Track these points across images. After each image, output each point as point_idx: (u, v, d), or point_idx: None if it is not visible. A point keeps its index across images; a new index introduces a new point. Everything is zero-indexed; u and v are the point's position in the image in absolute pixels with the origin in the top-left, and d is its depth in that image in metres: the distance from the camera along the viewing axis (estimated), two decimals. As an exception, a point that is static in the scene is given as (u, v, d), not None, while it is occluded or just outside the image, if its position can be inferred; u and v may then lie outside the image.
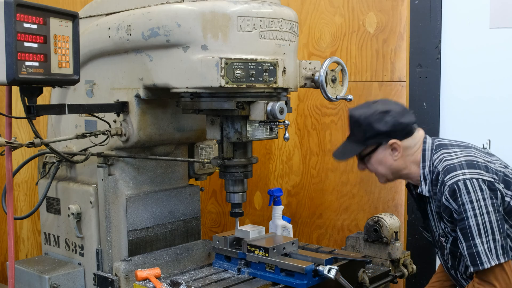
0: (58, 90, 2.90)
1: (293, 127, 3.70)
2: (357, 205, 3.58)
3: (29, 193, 4.21)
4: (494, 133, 3.14)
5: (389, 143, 2.38)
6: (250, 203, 3.87)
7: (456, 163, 2.27)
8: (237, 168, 2.47)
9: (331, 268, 2.33)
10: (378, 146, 2.41)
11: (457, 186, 2.20)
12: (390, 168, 2.44)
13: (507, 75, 3.16)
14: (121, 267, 2.57)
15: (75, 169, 2.88)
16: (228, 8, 2.25)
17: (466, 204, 2.17)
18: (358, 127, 2.41)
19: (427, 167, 2.38)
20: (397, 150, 2.39)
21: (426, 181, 2.38)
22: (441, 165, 2.31)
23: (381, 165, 2.44)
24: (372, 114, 2.38)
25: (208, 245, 2.91)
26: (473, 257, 2.18)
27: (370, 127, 2.37)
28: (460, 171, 2.23)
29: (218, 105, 2.33)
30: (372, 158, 2.44)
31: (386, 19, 3.42)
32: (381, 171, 2.46)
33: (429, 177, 2.37)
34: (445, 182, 2.24)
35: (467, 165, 2.24)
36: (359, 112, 2.42)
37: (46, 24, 2.13)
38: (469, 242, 2.18)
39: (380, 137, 2.38)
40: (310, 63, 2.55)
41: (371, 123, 2.37)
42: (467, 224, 2.18)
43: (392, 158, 2.41)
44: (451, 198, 2.21)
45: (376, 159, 2.43)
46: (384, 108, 2.40)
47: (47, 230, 2.97)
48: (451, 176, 2.24)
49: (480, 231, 2.17)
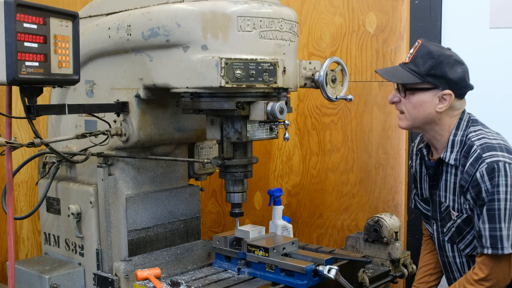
0: (58, 90, 2.90)
1: (293, 127, 3.70)
2: (357, 205, 3.59)
3: (29, 193, 4.21)
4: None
5: (445, 91, 2.29)
6: (250, 203, 3.87)
7: (496, 144, 2.23)
8: (237, 168, 2.47)
9: (331, 268, 2.33)
10: (431, 89, 2.30)
11: (498, 166, 2.15)
12: (425, 115, 2.33)
13: (507, 75, 3.16)
14: (121, 267, 2.57)
15: (75, 169, 2.88)
16: (228, 8, 2.25)
17: (502, 186, 2.14)
18: (428, 59, 2.28)
19: (459, 136, 2.32)
20: (445, 102, 2.30)
21: (453, 149, 2.31)
22: (480, 141, 2.25)
23: (419, 108, 2.33)
24: (448, 56, 2.30)
25: (208, 245, 2.91)
26: (495, 239, 2.15)
27: (441, 66, 2.27)
28: (501, 152, 2.19)
29: (218, 105, 2.33)
30: (416, 95, 2.32)
31: (386, 19, 3.42)
32: (413, 113, 2.35)
33: (458, 147, 2.30)
34: (484, 158, 2.19)
35: (506, 150, 2.21)
36: (435, 47, 2.32)
37: (46, 24, 2.13)
38: (495, 224, 2.15)
39: (442, 80, 2.28)
40: (310, 63, 2.55)
41: (443, 63, 2.28)
42: (497, 206, 2.14)
43: (436, 107, 2.31)
44: (488, 175, 2.16)
45: (420, 99, 2.32)
46: (459, 59, 2.33)
47: (47, 230, 2.97)
48: (491, 154, 2.18)
49: (507, 216, 2.14)
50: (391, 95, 2.44)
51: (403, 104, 2.38)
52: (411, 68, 2.32)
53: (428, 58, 2.29)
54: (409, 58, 2.35)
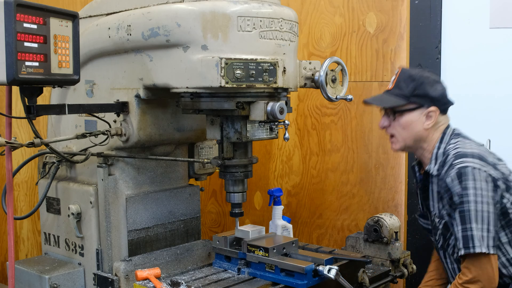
0: (58, 90, 2.90)
1: (293, 127, 3.70)
2: (357, 205, 3.59)
3: (29, 193, 4.21)
4: (494, 132, 3.14)
5: (430, 108, 2.44)
6: (250, 203, 3.87)
7: (469, 152, 2.34)
8: (237, 168, 2.47)
9: (331, 268, 2.33)
10: (417, 108, 2.45)
11: (465, 170, 2.27)
12: (415, 134, 2.48)
13: (507, 75, 3.16)
14: (121, 267, 2.57)
15: (75, 169, 2.88)
16: (228, 8, 2.25)
17: (470, 189, 2.25)
18: (410, 82, 2.45)
19: (442, 149, 2.45)
20: (432, 118, 2.45)
21: (436, 161, 2.45)
22: (454, 151, 2.39)
23: (407, 128, 2.48)
24: (427, 77, 2.47)
25: (208, 245, 2.91)
26: (466, 239, 2.25)
27: (422, 86, 2.44)
28: (471, 159, 2.30)
29: (218, 105, 2.33)
30: (404, 116, 2.48)
31: (386, 19, 3.42)
32: (404, 134, 2.50)
33: (440, 159, 2.43)
34: (454, 164, 2.31)
35: (478, 157, 2.32)
36: (414, 71, 2.51)
37: (46, 24, 2.13)
38: (465, 225, 2.25)
39: (425, 99, 2.44)
40: (310, 63, 2.55)
41: (424, 83, 2.44)
42: (466, 208, 2.25)
43: (423, 124, 2.46)
44: (457, 179, 2.27)
45: (408, 119, 2.47)
46: (437, 79, 2.51)
47: (47, 230, 2.97)
48: (461, 160, 2.31)
49: (477, 217, 2.24)
50: (381, 121, 2.59)
51: (393, 127, 2.53)
52: (396, 93, 2.49)
53: (410, 81, 2.46)
54: (392, 84, 2.52)
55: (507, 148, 3.08)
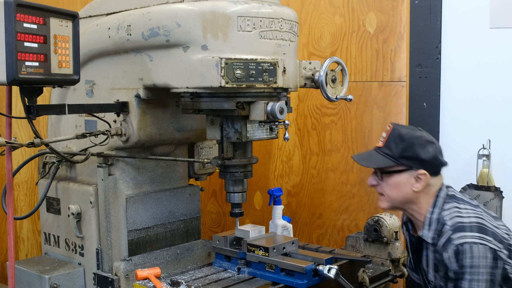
0: (58, 90, 2.90)
1: (293, 127, 3.70)
2: (357, 205, 3.58)
3: (29, 193, 4.21)
4: (494, 133, 3.13)
5: (419, 171, 2.34)
6: (250, 203, 3.87)
7: (467, 223, 2.26)
8: (237, 168, 2.47)
9: (331, 268, 2.33)
10: (406, 170, 2.36)
11: (463, 248, 2.19)
12: (403, 196, 2.39)
13: (507, 75, 3.16)
14: (121, 267, 2.57)
15: (75, 169, 2.88)
16: (228, 8, 2.25)
17: (467, 267, 2.18)
18: (399, 143, 2.35)
19: (436, 214, 2.36)
20: (421, 181, 2.35)
21: (430, 227, 2.36)
22: (452, 221, 2.29)
23: (396, 189, 2.39)
24: (418, 137, 2.36)
25: (208, 245, 2.91)
26: None
27: (412, 148, 2.34)
28: (470, 233, 2.22)
29: (218, 105, 2.33)
30: (392, 177, 2.38)
31: (386, 19, 3.42)
32: (392, 195, 2.40)
33: (434, 225, 2.34)
34: (452, 240, 2.23)
35: (478, 228, 2.23)
36: (405, 130, 2.39)
37: (46, 24, 2.13)
38: None
39: (415, 162, 2.34)
40: (310, 63, 2.55)
41: (414, 145, 2.34)
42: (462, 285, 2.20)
43: (412, 187, 2.36)
44: (454, 258, 2.20)
45: (396, 181, 2.38)
46: (430, 139, 2.38)
47: (47, 230, 2.97)
48: (460, 236, 2.22)
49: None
50: (369, 178, 2.49)
51: (381, 187, 2.44)
52: (385, 152, 2.39)
53: (399, 141, 2.36)
54: (383, 142, 2.42)
55: (507, 148, 3.08)
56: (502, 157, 3.11)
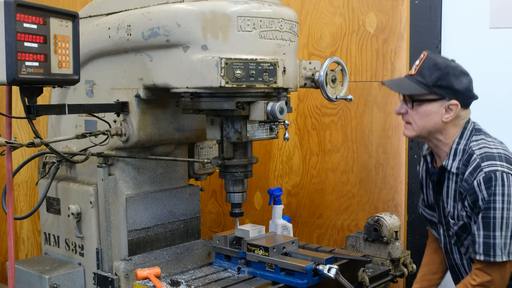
0: (58, 90, 2.90)
1: (293, 127, 3.70)
2: (357, 205, 3.59)
3: (29, 193, 4.21)
4: (494, 132, 3.13)
5: (451, 102, 2.32)
6: (250, 203, 3.88)
7: (496, 153, 2.26)
8: (237, 168, 2.48)
9: (331, 268, 2.33)
10: (438, 100, 2.34)
11: (495, 175, 2.18)
12: (432, 125, 2.36)
13: (507, 75, 3.16)
14: (121, 267, 2.57)
15: (75, 169, 2.88)
16: (228, 8, 2.25)
17: (498, 195, 2.17)
18: (434, 71, 2.32)
19: (462, 145, 2.36)
20: (452, 112, 2.33)
21: (455, 158, 2.35)
22: (480, 151, 2.29)
23: (425, 118, 2.36)
24: (453, 67, 2.34)
25: (208, 245, 2.91)
26: (488, 247, 2.19)
27: (447, 77, 2.31)
28: (499, 162, 2.22)
29: (218, 105, 2.33)
30: (423, 106, 2.35)
31: (386, 19, 3.42)
32: (421, 123, 2.37)
33: (460, 155, 2.34)
34: (482, 167, 2.22)
35: (506, 159, 2.24)
36: (441, 59, 2.36)
37: (46, 24, 2.13)
38: (489, 232, 2.19)
39: (448, 91, 2.32)
40: (310, 63, 2.55)
41: (449, 74, 2.31)
42: (493, 215, 2.18)
43: (442, 117, 2.34)
44: (484, 184, 2.19)
45: (427, 110, 2.35)
46: (464, 70, 2.37)
47: (47, 230, 2.97)
48: (489, 163, 2.22)
49: (503, 224, 2.18)
50: (398, 106, 2.46)
51: (410, 115, 2.41)
52: (418, 80, 2.35)
53: (434, 70, 2.32)
54: (415, 70, 2.38)
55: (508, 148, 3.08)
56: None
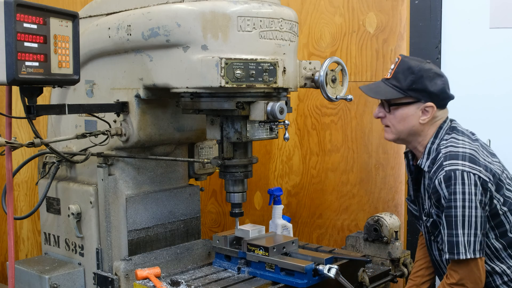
0: (58, 90, 2.90)
1: (293, 127, 3.70)
2: (357, 205, 3.59)
3: (29, 193, 4.21)
4: (494, 132, 3.14)
5: (427, 104, 2.36)
6: (250, 203, 3.88)
7: (460, 152, 2.29)
8: (237, 168, 2.48)
9: (331, 267, 2.33)
10: (414, 102, 2.38)
11: (454, 174, 2.21)
12: (410, 128, 2.40)
13: (507, 75, 3.16)
14: (121, 266, 2.57)
15: (75, 169, 2.88)
16: (228, 8, 2.25)
17: (458, 194, 2.20)
18: (408, 75, 2.36)
19: (435, 144, 2.39)
20: (428, 113, 2.37)
21: (428, 156, 2.39)
22: (445, 149, 2.33)
23: (403, 122, 2.41)
24: (427, 70, 2.37)
25: (208, 245, 2.91)
26: (451, 245, 2.22)
27: (421, 80, 2.35)
28: (461, 161, 2.25)
29: (218, 105, 2.33)
30: (399, 110, 2.40)
31: (386, 19, 3.42)
32: (398, 127, 2.42)
33: (433, 154, 2.38)
34: (443, 166, 2.26)
35: (469, 158, 2.26)
36: (414, 62, 2.39)
37: (46, 24, 2.13)
38: (452, 230, 2.22)
39: (423, 94, 2.35)
40: (310, 63, 2.55)
41: (423, 77, 2.35)
42: (453, 213, 2.21)
43: (419, 119, 2.38)
44: (444, 183, 2.23)
45: (403, 113, 2.39)
46: (438, 72, 2.41)
47: (47, 230, 2.97)
48: (451, 163, 2.26)
49: (464, 223, 2.21)
50: (376, 111, 2.51)
51: (388, 119, 2.46)
52: (393, 84, 2.40)
53: (408, 73, 2.36)
54: (391, 74, 2.43)
55: (508, 149, 3.09)
56: (502, 156, 3.09)
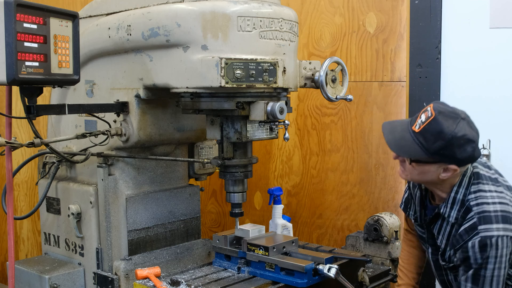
0: (58, 90, 2.90)
1: (293, 127, 3.70)
2: (357, 205, 3.59)
3: (29, 193, 4.21)
4: (494, 132, 3.13)
5: (450, 166, 2.24)
6: (250, 203, 3.88)
7: (492, 212, 2.24)
8: (237, 168, 2.48)
9: (331, 267, 2.33)
10: (437, 162, 2.25)
11: (490, 241, 2.19)
12: (428, 180, 2.33)
13: (507, 75, 3.16)
14: (121, 266, 2.57)
15: (75, 169, 2.88)
16: (228, 8, 2.25)
17: (491, 258, 2.20)
18: (438, 139, 2.20)
19: (460, 194, 2.32)
20: (449, 172, 2.26)
21: (453, 207, 2.33)
22: (477, 208, 2.26)
23: (421, 175, 2.31)
24: (459, 137, 2.19)
25: (208, 244, 2.92)
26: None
27: (450, 148, 2.20)
28: (495, 225, 2.21)
29: (218, 105, 2.33)
30: (421, 166, 2.29)
31: (386, 19, 3.42)
32: (416, 178, 2.34)
33: (458, 206, 2.32)
34: (479, 231, 2.22)
35: (502, 218, 2.22)
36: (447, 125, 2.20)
37: (46, 24, 2.13)
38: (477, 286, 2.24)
39: (449, 159, 2.23)
40: (310, 63, 2.55)
41: (453, 145, 2.19)
42: (483, 273, 2.22)
43: (439, 175, 2.28)
44: (479, 249, 2.20)
45: (424, 169, 2.28)
46: (471, 136, 2.23)
47: (47, 230, 2.97)
48: (486, 228, 2.21)
49: (492, 282, 2.23)
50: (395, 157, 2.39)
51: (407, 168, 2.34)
52: (420, 141, 2.24)
53: (438, 138, 2.20)
54: (419, 128, 2.25)
55: (507, 148, 3.09)
56: (502, 157, 3.11)
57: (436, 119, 2.21)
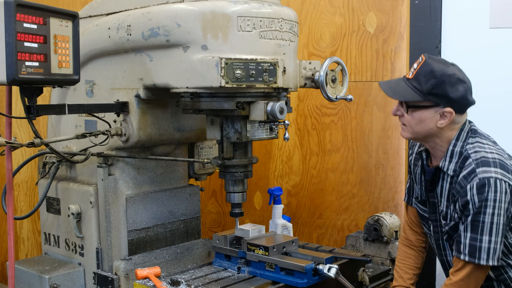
0: (58, 90, 2.90)
1: (293, 127, 3.70)
2: (357, 205, 3.59)
3: (29, 193, 4.21)
4: (494, 132, 3.12)
5: (446, 109, 2.32)
6: (250, 203, 3.88)
7: (491, 158, 2.28)
8: (237, 168, 2.48)
9: (331, 267, 2.33)
10: (433, 106, 2.34)
11: (488, 181, 2.21)
12: (427, 130, 2.37)
13: (507, 75, 3.16)
14: (121, 266, 2.57)
15: (75, 169, 2.88)
16: (228, 8, 2.25)
17: (489, 201, 2.20)
18: (430, 78, 2.30)
19: (458, 147, 2.37)
20: (446, 118, 2.34)
21: (452, 160, 2.37)
22: (475, 154, 2.31)
23: (420, 124, 2.37)
24: (449, 75, 2.31)
25: (208, 244, 2.92)
26: (473, 249, 2.22)
27: (442, 86, 2.30)
28: (494, 168, 2.25)
29: (218, 105, 2.33)
30: (418, 112, 2.35)
31: (386, 19, 3.42)
32: (416, 128, 2.39)
33: (456, 158, 2.36)
34: (477, 173, 2.24)
35: (500, 165, 2.26)
36: (438, 66, 2.32)
37: (46, 24, 2.13)
38: (476, 235, 2.22)
39: (443, 99, 2.31)
40: (310, 63, 2.55)
41: (444, 82, 2.30)
42: (482, 219, 2.21)
43: (436, 123, 2.34)
44: (477, 190, 2.22)
45: (422, 115, 2.35)
46: (462, 77, 2.35)
47: (47, 230, 2.97)
48: (484, 170, 2.24)
49: (492, 230, 2.21)
50: (394, 108, 2.47)
51: (406, 119, 2.42)
52: (414, 85, 2.35)
53: (430, 77, 2.31)
54: (412, 74, 2.37)
55: (507, 148, 3.08)
56: (502, 157, 3.11)
57: (426, 62, 2.33)
